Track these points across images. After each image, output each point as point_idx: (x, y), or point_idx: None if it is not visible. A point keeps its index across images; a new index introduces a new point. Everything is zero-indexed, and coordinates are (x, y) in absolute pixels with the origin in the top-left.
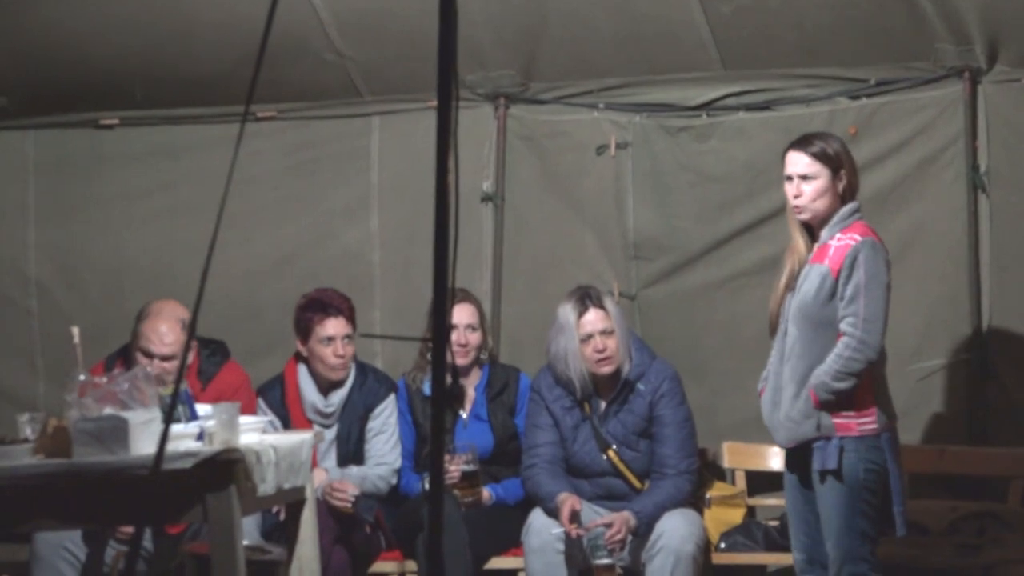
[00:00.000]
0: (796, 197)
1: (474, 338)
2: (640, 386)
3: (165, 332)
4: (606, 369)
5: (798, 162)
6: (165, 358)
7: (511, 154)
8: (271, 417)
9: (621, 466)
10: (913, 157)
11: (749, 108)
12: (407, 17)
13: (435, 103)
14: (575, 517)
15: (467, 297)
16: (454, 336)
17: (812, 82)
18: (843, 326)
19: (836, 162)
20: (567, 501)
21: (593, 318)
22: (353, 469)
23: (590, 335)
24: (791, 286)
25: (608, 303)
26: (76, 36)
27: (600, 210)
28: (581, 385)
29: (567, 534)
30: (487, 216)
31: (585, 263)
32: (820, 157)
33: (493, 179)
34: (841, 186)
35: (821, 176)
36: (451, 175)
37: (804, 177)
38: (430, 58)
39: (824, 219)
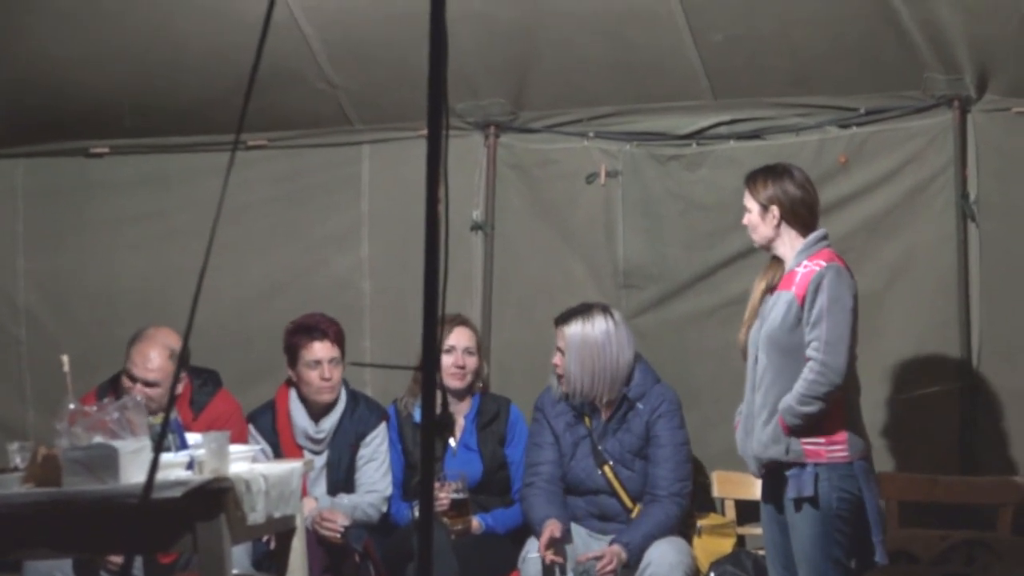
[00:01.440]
0: (745, 225)
1: (471, 362)
2: (640, 405)
3: (151, 358)
4: (561, 383)
5: (744, 192)
6: (148, 384)
7: (501, 183)
8: (263, 445)
9: (616, 483)
10: (903, 186)
11: (739, 137)
12: (397, 46)
13: (425, 132)
14: (552, 544)
15: (465, 321)
16: (452, 359)
17: (802, 111)
18: (808, 351)
19: (766, 200)
20: (549, 527)
21: (558, 333)
22: (344, 498)
23: (558, 348)
24: (756, 314)
25: (573, 324)
26: (66, 65)
27: (590, 239)
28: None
29: (542, 560)
30: (477, 245)
31: (575, 291)
32: (752, 192)
33: (483, 208)
34: (773, 221)
35: (753, 210)
36: (441, 204)
37: (745, 207)
38: (420, 87)
39: (770, 247)
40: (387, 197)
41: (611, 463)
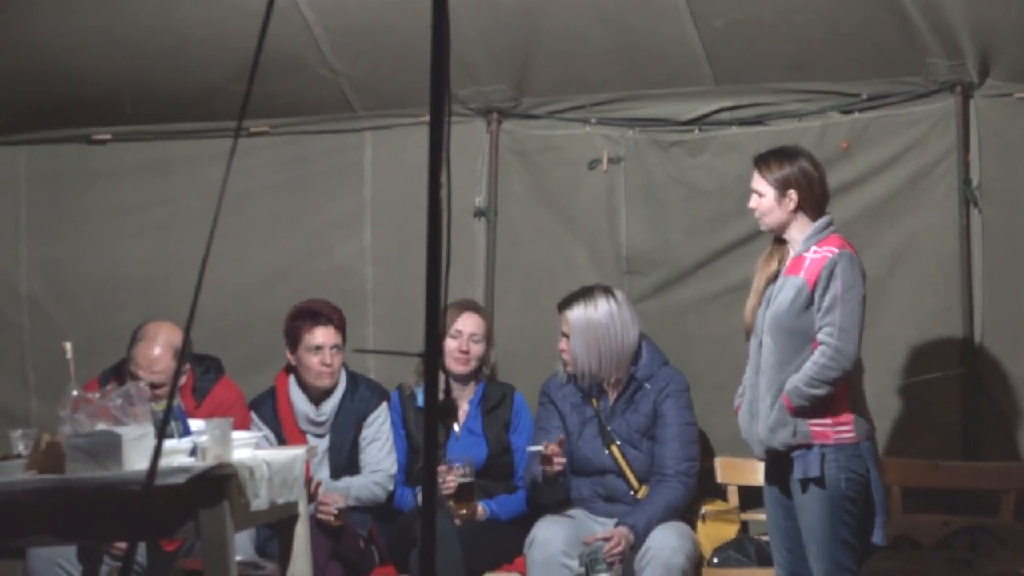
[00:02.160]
0: (753, 209)
1: (476, 349)
2: (647, 385)
3: (155, 359)
4: (568, 367)
5: (753, 176)
6: (154, 385)
7: (504, 169)
8: (265, 432)
9: (623, 462)
10: (905, 171)
11: (741, 123)
12: (400, 32)
13: (428, 118)
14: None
15: (477, 308)
16: (456, 344)
17: (804, 97)
18: (820, 335)
19: (783, 183)
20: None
21: (562, 318)
22: (343, 480)
23: (562, 333)
24: (761, 297)
25: (576, 308)
26: (68, 52)
27: (593, 225)
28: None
29: (542, 453)
30: (480, 231)
31: (578, 278)
32: (766, 175)
33: (486, 194)
34: (790, 205)
35: (768, 193)
36: (444, 190)
37: (755, 191)
38: (423, 73)
39: (782, 232)
40: (390, 184)
41: (618, 443)
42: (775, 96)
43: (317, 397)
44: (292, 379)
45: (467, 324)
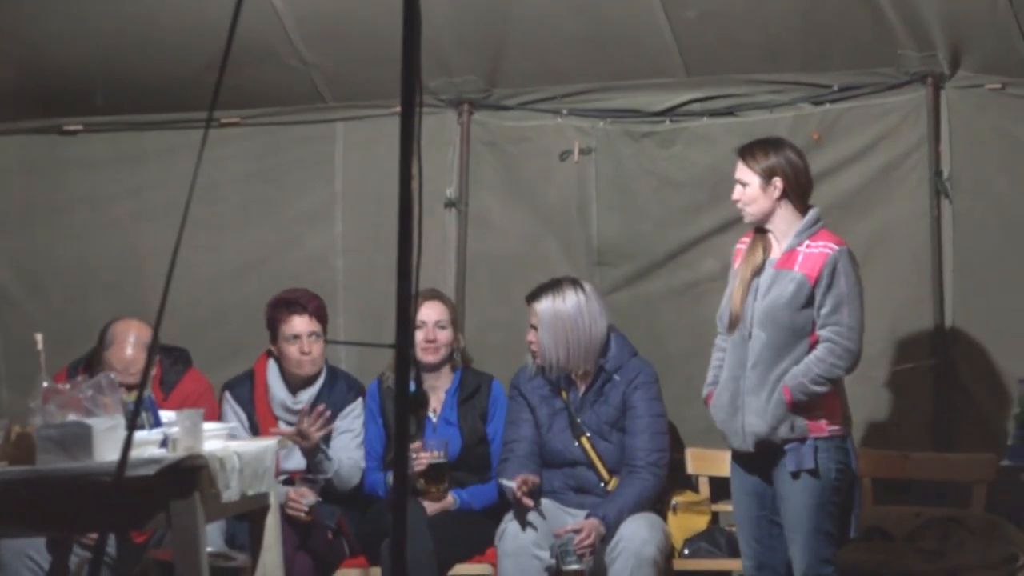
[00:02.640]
0: (736, 200)
1: (443, 336)
2: (616, 377)
3: (131, 360)
4: (537, 359)
5: (738, 166)
6: (132, 387)
7: (475, 160)
8: (240, 419)
9: (592, 454)
10: (876, 162)
11: (713, 114)
12: (371, 23)
13: (399, 109)
14: (526, 484)
15: (438, 296)
16: (422, 334)
17: (776, 88)
18: (826, 333)
19: (768, 171)
20: (523, 475)
21: (530, 310)
22: (338, 456)
23: (531, 325)
24: (748, 289)
25: (544, 300)
26: (39, 41)
27: (564, 216)
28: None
29: (513, 492)
30: (451, 222)
31: (549, 269)
32: (751, 164)
33: (457, 185)
34: (775, 193)
35: (752, 182)
36: (415, 181)
37: (740, 181)
38: (394, 64)
39: (766, 221)
40: (361, 174)
41: (588, 435)
42: (747, 87)
43: (296, 385)
44: (272, 366)
45: (430, 313)
